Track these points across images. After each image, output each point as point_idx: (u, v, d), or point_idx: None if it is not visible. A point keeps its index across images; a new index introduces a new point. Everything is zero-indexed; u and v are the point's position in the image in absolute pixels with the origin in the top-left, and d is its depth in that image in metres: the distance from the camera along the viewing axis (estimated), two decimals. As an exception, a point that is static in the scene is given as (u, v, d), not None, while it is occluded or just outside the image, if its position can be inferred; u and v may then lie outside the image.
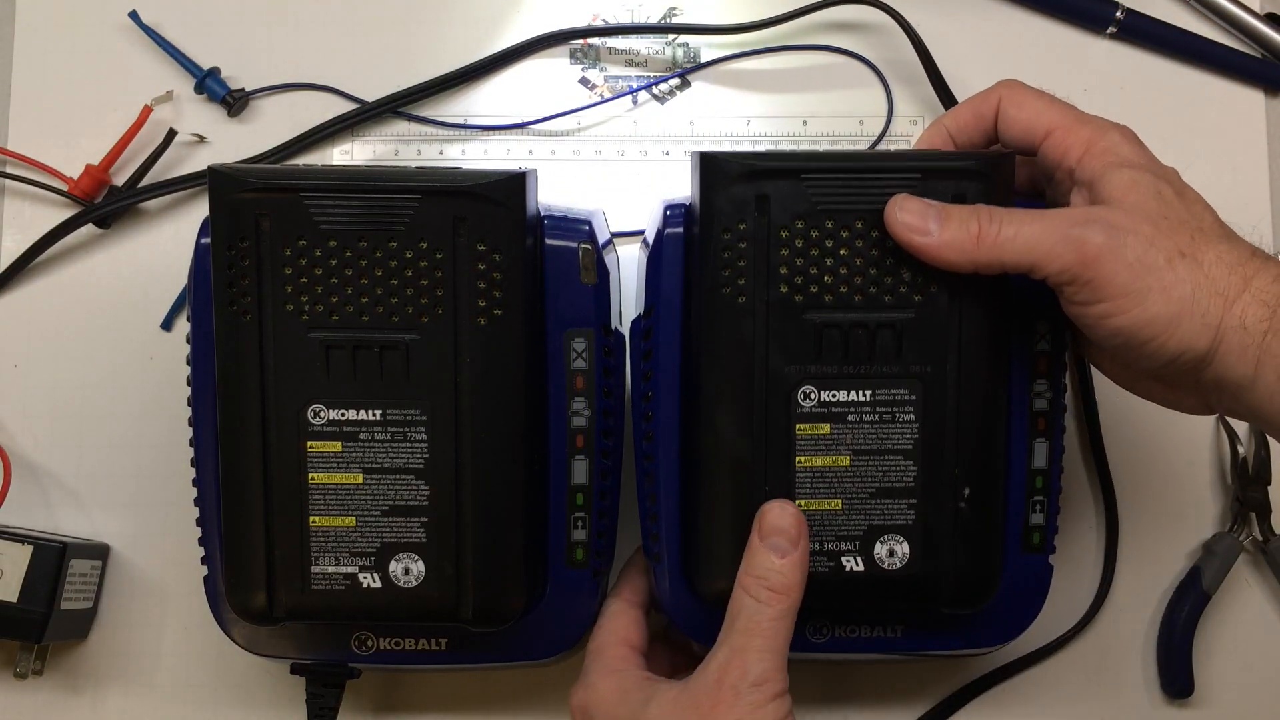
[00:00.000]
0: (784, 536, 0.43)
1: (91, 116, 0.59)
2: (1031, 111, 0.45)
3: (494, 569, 0.45)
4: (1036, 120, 0.45)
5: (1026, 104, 0.45)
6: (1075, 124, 0.44)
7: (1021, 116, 0.45)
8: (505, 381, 0.45)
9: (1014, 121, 0.45)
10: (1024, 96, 0.45)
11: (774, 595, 0.42)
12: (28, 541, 0.53)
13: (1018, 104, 0.45)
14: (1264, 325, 0.40)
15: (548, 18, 0.60)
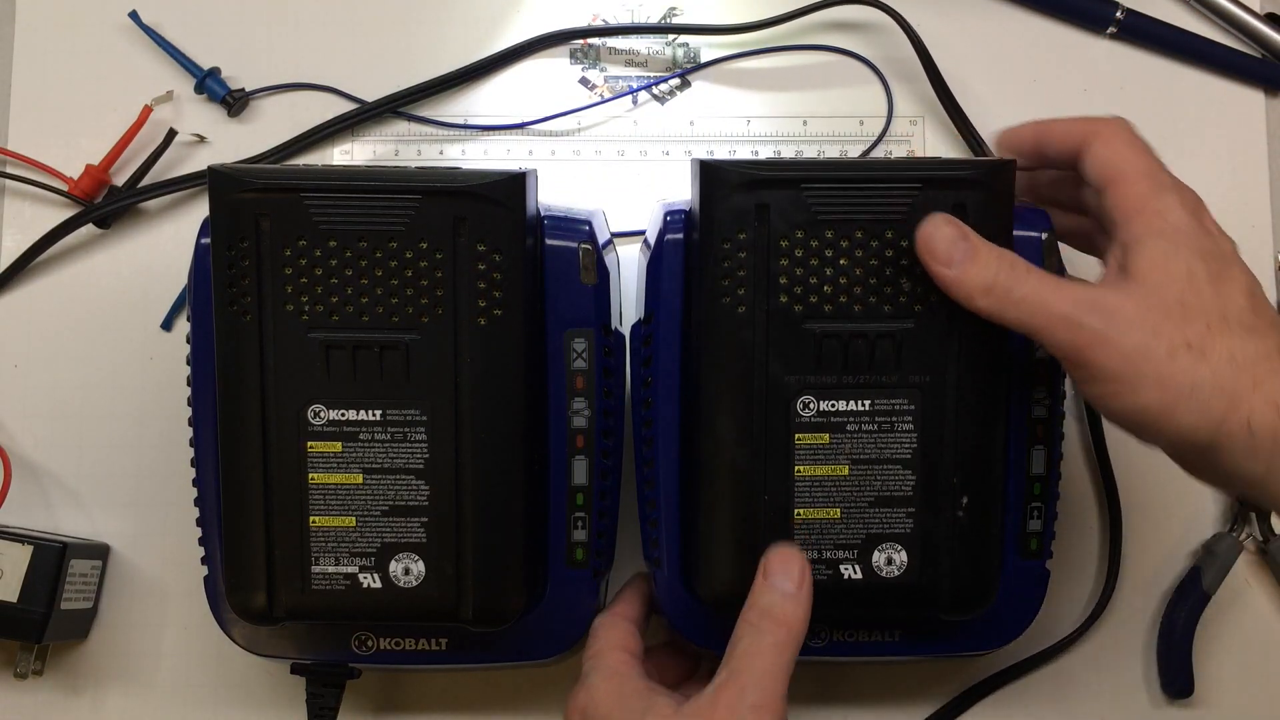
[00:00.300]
0: (788, 577, 0.43)
1: (91, 116, 0.59)
2: (1111, 154, 0.43)
3: (494, 569, 0.45)
4: (1109, 164, 0.43)
5: (1112, 145, 0.44)
6: (1137, 178, 0.43)
7: (1101, 155, 0.44)
8: (505, 381, 0.45)
9: (1094, 158, 0.44)
10: (1115, 136, 0.44)
11: (775, 625, 0.42)
12: (28, 541, 0.53)
13: (1105, 141, 0.44)
14: (1273, 429, 0.39)
15: (548, 18, 0.60)
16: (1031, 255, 0.48)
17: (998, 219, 0.44)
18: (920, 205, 0.44)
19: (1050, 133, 0.46)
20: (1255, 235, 0.60)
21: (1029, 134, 0.47)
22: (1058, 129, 0.46)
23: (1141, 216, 0.42)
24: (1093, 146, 0.44)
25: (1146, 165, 0.43)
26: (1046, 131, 0.46)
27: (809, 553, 0.45)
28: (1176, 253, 0.41)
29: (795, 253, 0.44)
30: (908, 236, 0.44)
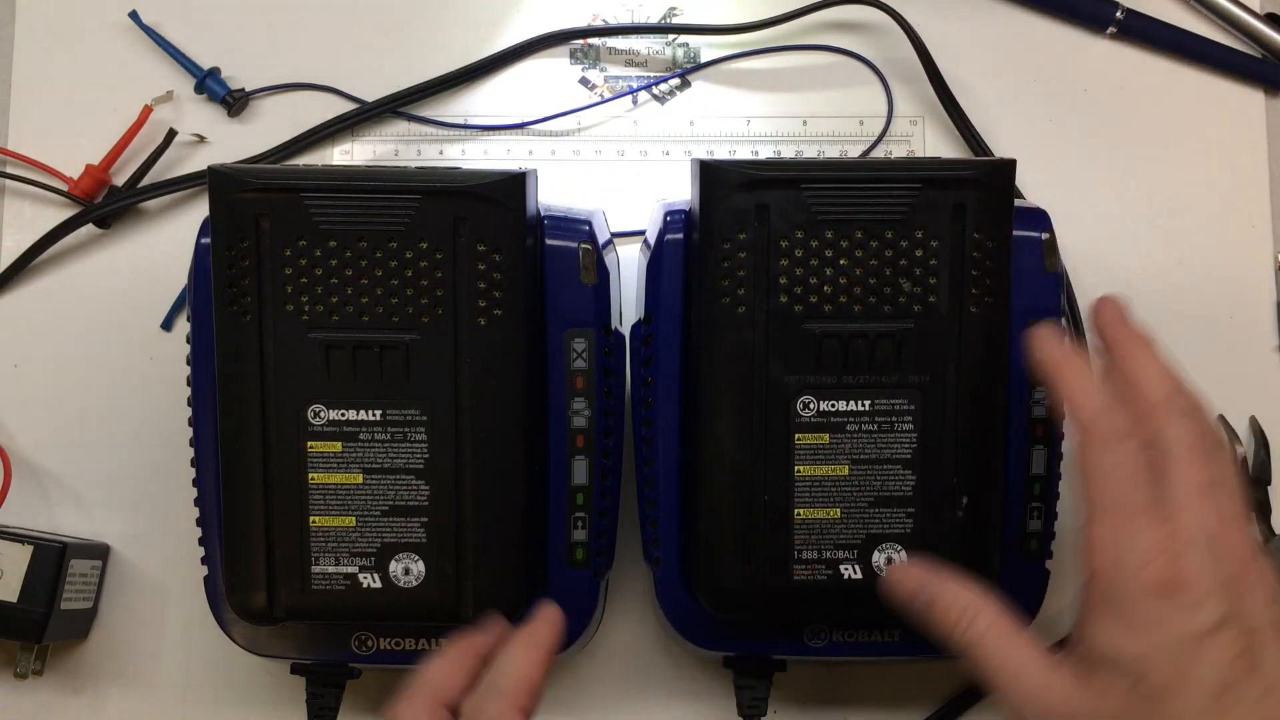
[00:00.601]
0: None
1: (91, 116, 0.59)
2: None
3: (494, 569, 0.45)
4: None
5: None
6: (1116, 516, 0.39)
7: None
8: (505, 381, 0.45)
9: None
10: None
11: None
12: (28, 541, 0.53)
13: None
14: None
15: (548, 18, 0.60)
16: (1032, 255, 0.48)
17: (998, 219, 0.44)
18: (920, 205, 0.44)
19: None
20: (1255, 235, 0.60)
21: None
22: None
23: (1103, 578, 0.40)
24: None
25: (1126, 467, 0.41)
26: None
27: (809, 553, 0.45)
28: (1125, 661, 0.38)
29: (795, 253, 0.44)
30: (908, 236, 0.44)
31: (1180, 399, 0.41)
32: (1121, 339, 0.42)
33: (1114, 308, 0.43)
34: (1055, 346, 0.42)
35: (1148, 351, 0.42)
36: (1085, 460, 0.40)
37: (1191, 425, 0.40)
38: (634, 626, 0.56)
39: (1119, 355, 0.42)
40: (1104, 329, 0.43)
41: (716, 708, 0.56)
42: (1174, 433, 0.40)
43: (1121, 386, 0.41)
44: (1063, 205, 0.59)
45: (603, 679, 0.56)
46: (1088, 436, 0.40)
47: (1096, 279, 0.59)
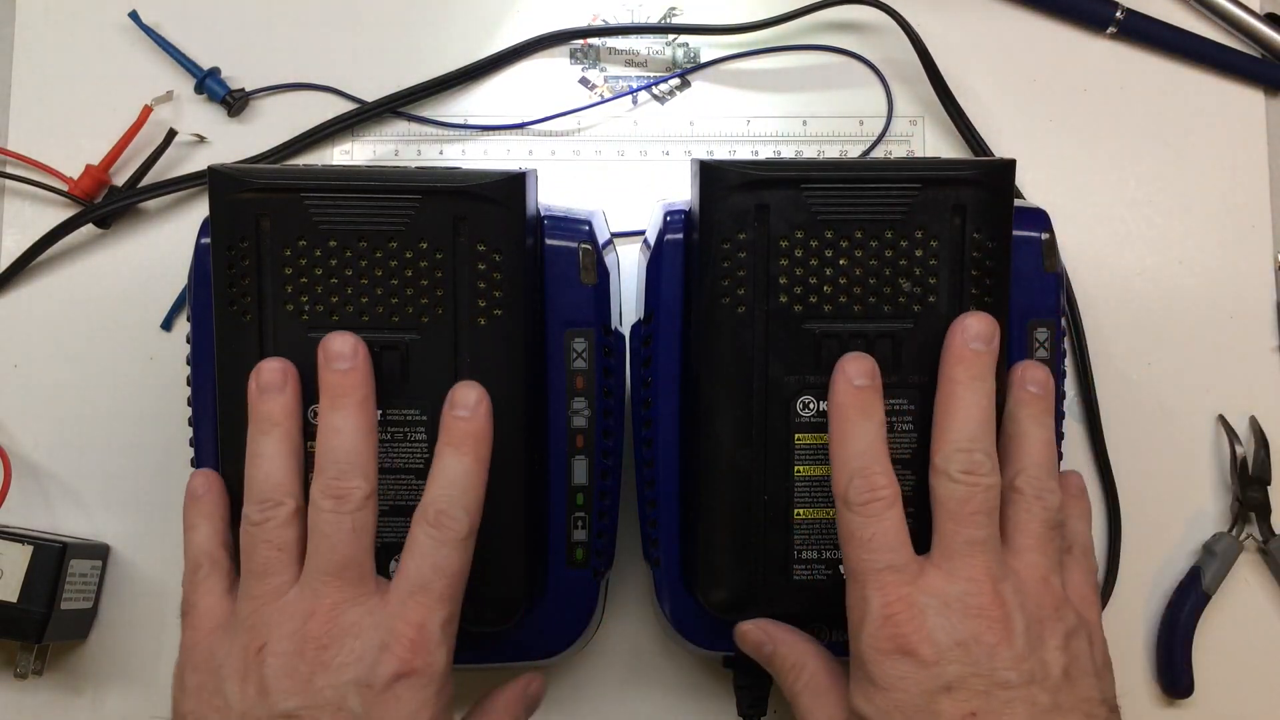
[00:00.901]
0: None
1: (91, 116, 0.59)
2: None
3: (494, 569, 0.45)
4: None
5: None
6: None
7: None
8: (505, 381, 0.45)
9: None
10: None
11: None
12: (28, 541, 0.53)
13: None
14: None
15: (548, 18, 0.60)
16: (1032, 255, 0.48)
17: (997, 219, 0.44)
18: (920, 205, 0.44)
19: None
20: (1255, 235, 0.60)
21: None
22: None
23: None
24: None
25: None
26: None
27: (809, 553, 0.45)
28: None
29: (795, 253, 0.44)
30: (908, 236, 0.44)
31: (971, 466, 0.42)
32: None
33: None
34: (842, 399, 0.43)
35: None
36: (842, 527, 0.42)
37: (966, 487, 0.41)
38: (634, 626, 0.56)
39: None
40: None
41: (716, 708, 0.56)
42: (942, 492, 0.42)
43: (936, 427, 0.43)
44: (1063, 205, 0.59)
45: (603, 679, 0.56)
46: (844, 503, 0.42)
47: (1096, 279, 0.59)
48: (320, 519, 0.41)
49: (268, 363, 0.43)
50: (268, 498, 0.42)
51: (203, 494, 0.45)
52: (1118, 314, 0.59)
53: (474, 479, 0.42)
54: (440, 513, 0.41)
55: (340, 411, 0.42)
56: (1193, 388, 0.58)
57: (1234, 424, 0.58)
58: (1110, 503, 0.57)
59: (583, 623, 0.49)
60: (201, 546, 0.44)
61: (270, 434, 0.42)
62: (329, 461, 0.41)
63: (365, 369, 0.43)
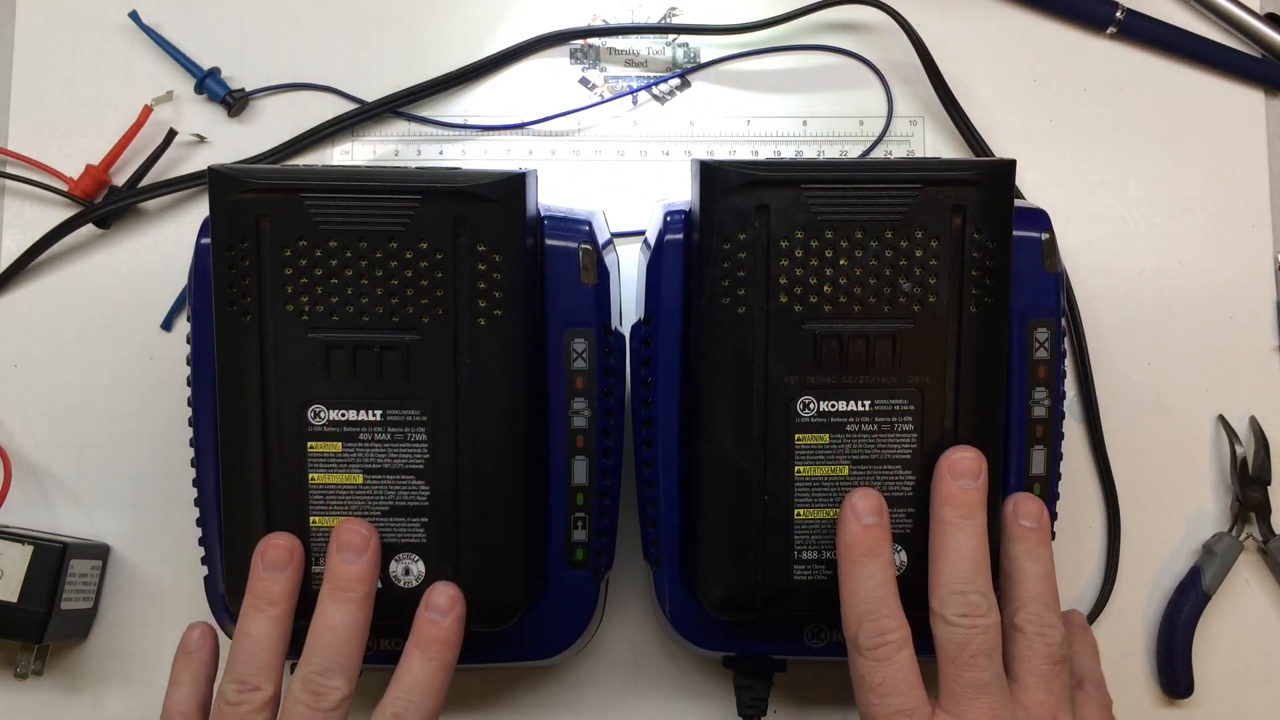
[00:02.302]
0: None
1: (91, 116, 0.59)
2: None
3: (494, 569, 0.45)
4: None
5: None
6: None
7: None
8: (505, 381, 0.45)
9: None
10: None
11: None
12: (28, 541, 0.53)
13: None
14: None
15: (548, 18, 0.60)
16: (1032, 255, 0.48)
17: (997, 219, 0.44)
18: (920, 205, 0.44)
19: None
20: (1255, 235, 0.60)
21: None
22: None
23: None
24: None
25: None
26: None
27: (809, 553, 0.45)
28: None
29: (795, 253, 0.44)
30: (908, 236, 0.44)
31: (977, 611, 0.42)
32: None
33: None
34: (850, 539, 0.44)
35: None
36: (853, 671, 0.43)
37: (965, 630, 0.41)
38: (634, 626, 0.56)
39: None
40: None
41: (716, 708, 0.56)
42: (942, 636, 0.42)
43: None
44: (1063, 205, 0.59)
45: (603, 679, 0.56)
46: (854, 647, 0.42)
47: (1096, 279, 0.59)
48: (294, 710, 0.42)
49: (275, 539, 0.44)
50: (247, 680, 0.42)
51: (194, 650, 0.46)
52: (1118, 314, 0.59)
53: (436, 684, 0.43)
54: (396, 716, 0.42)
55: (338, 606, 0.43)
56: (1193, 388, 0.58)
57: (1234, 424, 0.58)
58: (1110, 503, 0.57)
59: (583, 623, 0.49)
60: (178, 706, 0.45)
61: (264, 614, 0.43)
62: (316, 654, 0.42)
63: (372, 562, 0.44)
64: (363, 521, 0.44)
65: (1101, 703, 0.45)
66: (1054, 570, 0.44)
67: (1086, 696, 0.45)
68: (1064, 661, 0.43)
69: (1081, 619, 0.49)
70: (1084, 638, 0.48)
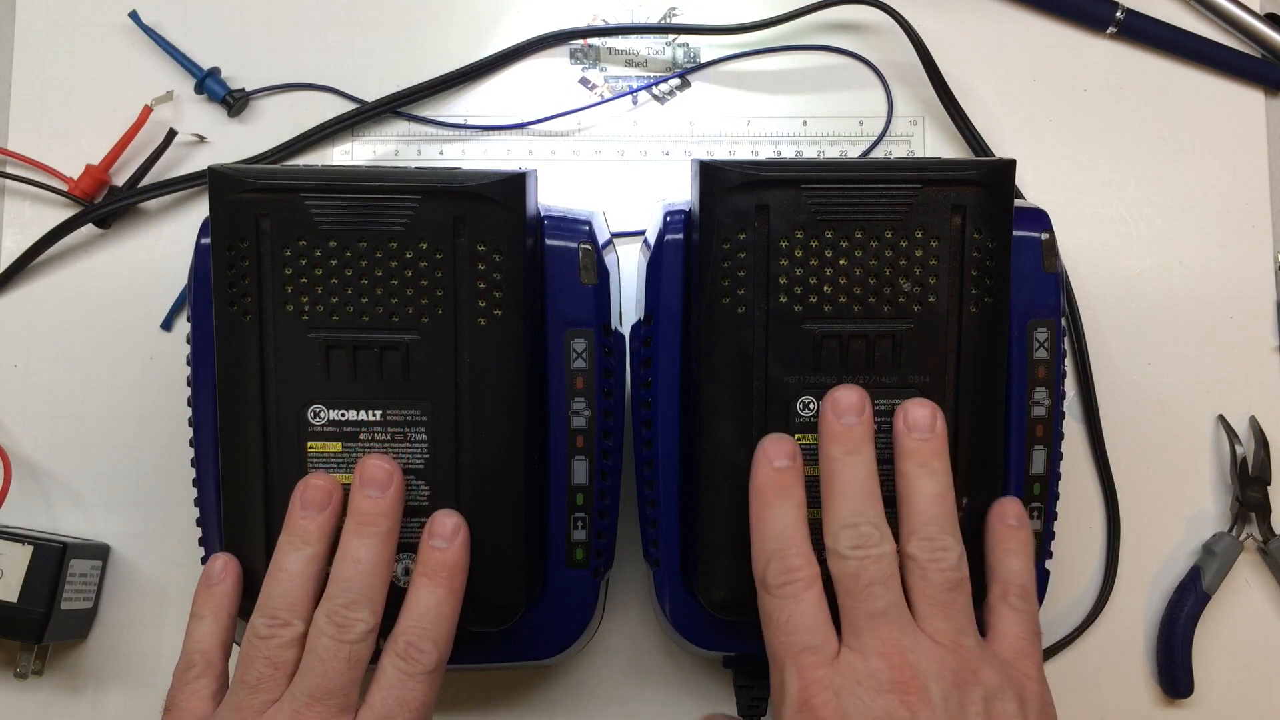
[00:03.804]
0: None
1: (91, 116, 0.59)
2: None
3: (494, 569, 0.45)
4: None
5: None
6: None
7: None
8: (505, 381, 0.45)
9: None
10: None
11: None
12: (28, 541, 0.53)
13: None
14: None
15: (548, 18, 0.60)
16: (1032, 255, 0.48)
17: (997, 219, 0.44)
18: (920, 205, 0.44)
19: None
20: (1255, 235, 0.60)
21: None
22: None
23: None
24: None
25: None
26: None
27: None
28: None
29: (795, 253, 0.44)
30: (908, 236, 0.44)
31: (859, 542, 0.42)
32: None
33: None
34: (760, 481, 0.43)
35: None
36: (761, 610, 0.42)
37: (857, 562, 0.41)
38: (634, 626, 0.56)
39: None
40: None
41: (716, 708, 0.56)
42: (836, 571, 0.42)
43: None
44: (1063, 205, 0.59)
45: (603, 679, 0.56)
46: (762, 586, 0.42)
47: (1096, 279, 0.59)
48: (319, 642, 0.41)
49: (314, 479, 0.44)
50: (278, 615, 0.42)
51: (217, 583, 0.45)
52: (1118, 314, 0.59)
53: (446, 610, 0.43)
54: (409, 645, 0.42)
55: (363, 541, 0.43)
56: (1193, 388, 0.58)
57: (1234, 424, 0.58)
58: (1110, 503, 0.57)
59: (583, 623, 0.49)
60: (200, 643, 0.44)
61: (300, 551, 0.43)
62: (341, 588, 0.42)
63: (396, 498, 0.44)
64: (386, 457, 0.44)
65: (1024, 613, 0.43)
66: (950, 485, 0.43)
67: (1008, 609, 0.43)
68: (960, 585, 0.41)
69: (1017, 511, 0.45)
70: (1016, 534, 0.44)
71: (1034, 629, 0.43)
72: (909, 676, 0.39)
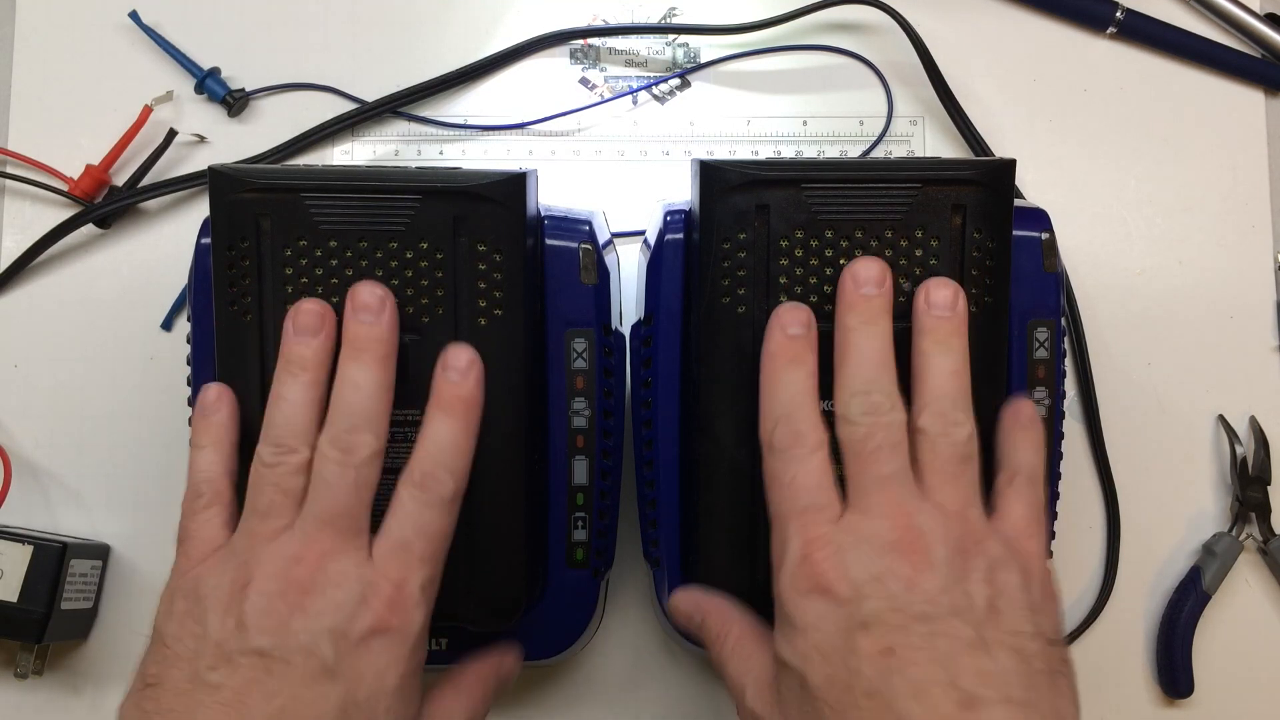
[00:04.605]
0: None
1: (91, 116, 0.59)
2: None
3: (494, 569, 0.45)
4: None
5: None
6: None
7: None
8: (505, 381, 0.45)
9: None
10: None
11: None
12: (28, 541, 0.53)
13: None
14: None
15: (548, 18, 0.60)
16: (1032, 255, 0.48)
17: (997, 219, 0.44)
18: (920, 205, 0.44)
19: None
20: (1255, 235, 0.60)
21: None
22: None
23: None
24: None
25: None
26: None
27: None
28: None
29: (795, 253, 0.44)
30: (908, 236, 0.44)
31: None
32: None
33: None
34: (774, 347, 0.43)
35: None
36: (766, 471, 0.42)
37: (866, 427, 0.40)
38: (634, 626, 0.56)
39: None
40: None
41: (716, 708, 0.56)
42: (845, 436, 0.41)
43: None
44: (1063, 205, 0.59)
45: (603, 679, 0.56)
46: (768, 448, 0.41)
47: (1096, 279, 0.59)
48: (325, 468, 0.41)
49: (306, 304, 0.43)
50: (283, 442, 0.42)
51: (213, 412, 0.44)
52: (1118, 314, 0.59)
53: (461, 443, 0.42)
54: (426, 474, 0.41)
55: (360, 365, 0.42)
56: (1193, 388, 0.58)
57: (1234, 424, 0.58)
58: (1110, 503, 0.57)
59: (583, 623, 0.49)
60: (205, 473, 0.44)
61: (298, 378, 0.42)
62: (342, 414, 0.42)
63: (391, 323, 0.43)
64: (377, 283, 0.43)
65: (1031, 497, 0.42)
66: (966, 363, 0.42)
67: (1015, 492, 0.42)
68: (970, 459, 0.41)
69: (1030, 412, 0.44)
70: (1027, 432, 0.44)
71: (1040, 512, 0.42)
72: (913, 538, 0.38)
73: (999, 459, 0.44)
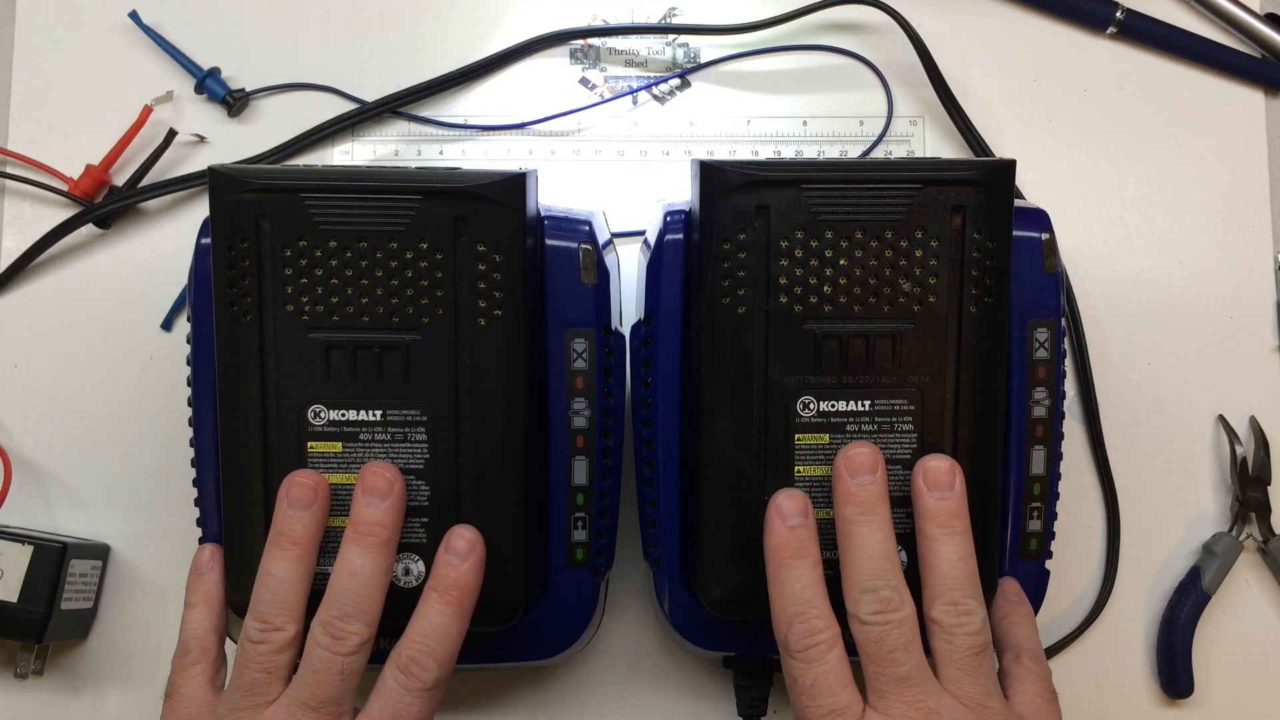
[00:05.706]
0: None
1: (91, 116, 0.59)
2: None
3: (494, 569, 0.45)
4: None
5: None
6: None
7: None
8: (505, 382, 0.45)
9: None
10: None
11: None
12: (28, 541, 0.53)
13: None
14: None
15: (548, 18, 0.60)
16: (1032, 255, 0.48)
17: (997, 219, 0.44)
18: (920, 205, 0.44)
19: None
20: (1255, 235, 0.60)
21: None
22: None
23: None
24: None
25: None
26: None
27: None
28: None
29: (795, 253, 0.44)
30: (908, 237, 0.44)
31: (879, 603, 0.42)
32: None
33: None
34: (776, 541, 0.44)
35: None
36: (785, 673, 0.43)
37: (879, 628, 0.41)
38: (634, 626, 0.56)
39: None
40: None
41: (716, 708, 0.56)
42: (859, 636, 0.42)
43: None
44: (1063, 205, 0.59)
45: (603, 679, 0.56)
46: (785, 649, 0.43)
47: (1096, 279, 0.59)
48: (314, 653, 0.42)
49: (299, 477, 0.44)
50: (269, 620, 0.42)
51: (205, 572, 0.46)
52: (1118, 314, 0.59)
53: (452, 630, 0.43)
54: (411, 660, 0.42)
55: (362, 551, 0.43)
56: (1193, 388, 0.58)
57: (1234, 424, 0.58)
58: (1110, 503, 0.57)
59: (583, 623, 0.49)
60: (194, 631, 0.45)
61: (287, 553, 0.43)
62: (337, 599, 0.42)
63: (397, 507, 0.44)
64: (388, 465, 0.44)
65: (1039, 674, 0.45)
66: (971, 545, 0.43)
67: (1023, 669, 0.45)
68: (985, 649, 0.42)
69: (1016, 588, 0.47)
70: (1019, 608, 0.47)
71: (1051, 690, 0.45)
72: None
73: (998, 638, 0.46)
